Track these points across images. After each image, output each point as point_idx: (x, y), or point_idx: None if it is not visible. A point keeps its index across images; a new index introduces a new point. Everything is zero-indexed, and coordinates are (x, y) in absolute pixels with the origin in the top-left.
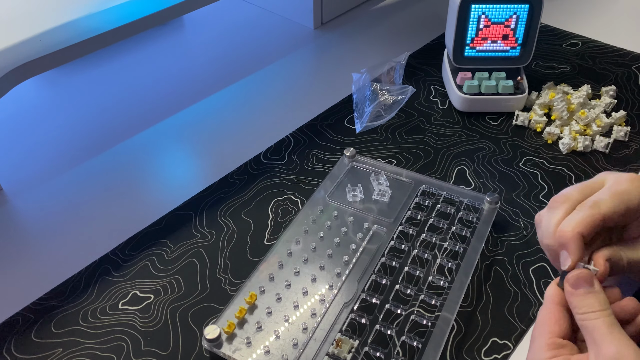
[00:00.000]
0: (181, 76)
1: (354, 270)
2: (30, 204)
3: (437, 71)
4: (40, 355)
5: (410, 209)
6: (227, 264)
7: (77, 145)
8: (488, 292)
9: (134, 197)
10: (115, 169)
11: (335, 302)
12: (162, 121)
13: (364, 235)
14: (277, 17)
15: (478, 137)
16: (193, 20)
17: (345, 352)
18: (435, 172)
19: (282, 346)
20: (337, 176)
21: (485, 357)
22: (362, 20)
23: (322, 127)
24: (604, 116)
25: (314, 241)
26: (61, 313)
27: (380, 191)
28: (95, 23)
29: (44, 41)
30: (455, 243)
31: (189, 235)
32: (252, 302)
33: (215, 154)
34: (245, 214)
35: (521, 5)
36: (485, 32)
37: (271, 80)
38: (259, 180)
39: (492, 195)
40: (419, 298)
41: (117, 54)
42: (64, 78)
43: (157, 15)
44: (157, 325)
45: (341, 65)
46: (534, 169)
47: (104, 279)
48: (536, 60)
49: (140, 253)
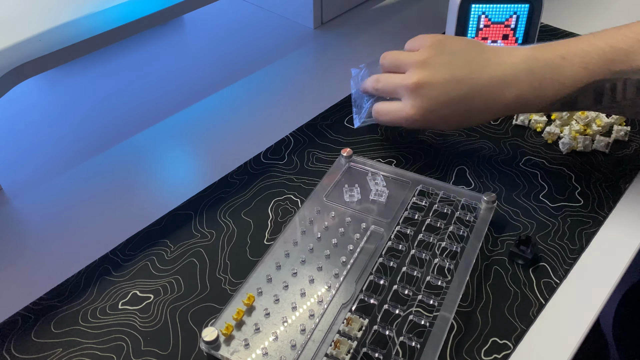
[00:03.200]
0: (181, 76)
1: (351, 271)
2: (30, 203)
3: None
4: (40, 355)
5: (408, 209)
6: (227, 263)
7: (77, 145)
8: (488, 291)
9: (134, 197)
10: (115, 168)
11: (333, 303)
12: (162, 121)
13: (362, 235)
14: (277, 17)
15: (478, 137)
16: (193, 20)
17: (343, 353)
18: (435, 172)
19: (280, 347)
20: (334, 177)
21: (485, 357)
22: (362, 20)
23: (322, 127)
24: (604, 116)
25: (311, 242)
26: (61, 313)
27: (377, 191)
28: (95, 23)
29: (43, 41)
30: (453, 243)
31: (188, 235)
32: (249, 303)
33: (215, 153)
34: (245, 214)
35: (521, 5)
36: (485, 32)
37: (271, 80)
38: (259, 180)
39: (489, 195)
40: (417, 298)
41: (117, 54)
42: (64, 78)
43: (157, 15)
44: (157, 325)
45: (341, 65)
46: (534, 169)
47: (103, 279)
48: None
49: (140, 253)
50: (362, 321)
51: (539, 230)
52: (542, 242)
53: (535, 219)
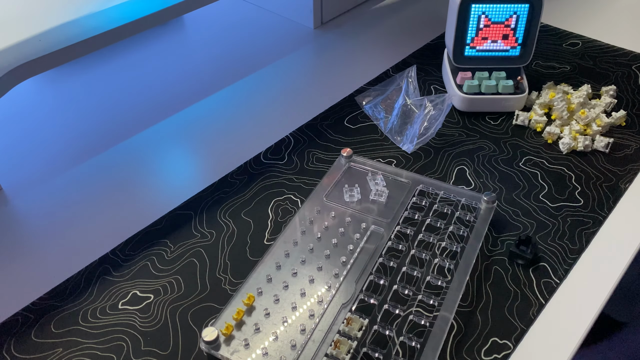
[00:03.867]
0: (181, 76)
1: (351, 271)
2: (30, 203)
3: (437, 71)
4: (40, 355)
5: (408, 209)
6: (227, 263)
7: (77, 144)
8: (488, 292)
9: (134, 197)
10: (115, 168)
11: (334, 303)
12: (163, 121)
13: (362, 235)
14: (277, 16)
15: (478, 136)
16: (193, 20)
17: (343, 353)
18: (436, 172)
19: (280, 347)
20: (334, 177)
21: (485, 357)
22: (362, 20)
23: (322, 126)
24: (604, 116)
25: (311, 242)
26: (61, 313)
27: (377, 191)
28: (96, 22)
29: (44, 41)
30: (453, 243)
31: (188, 235)
32: (249, 303)
33: (215, 153)
34: (245, 214)
35: (521, 5)
36: (485, 32)
37: (271, 79)
38: (259, 180)
39: (489, 195)
40: (417, 298)
41: (117, 54)
42: (65, 78)
43: (157, 15)
44: (157, 325)
45: (341, 65)
46: (534, 169)
47: (103, 279)
48: (536, 60)
49: (140, 253)
50: (362, 321)
51: (539, 230)
52: (542, 242)
53: (535, 219)
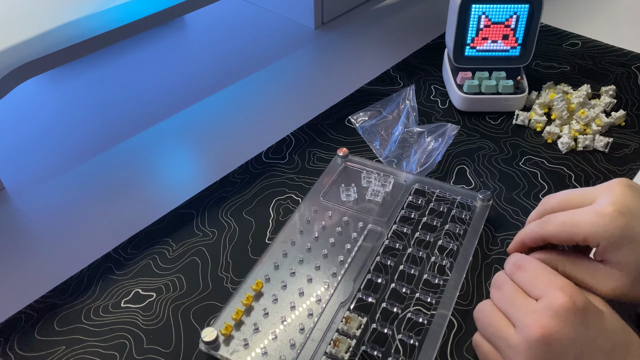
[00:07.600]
0: (182, 76)
1: (349, 270)
2: (32, 202)
3: (438, 71)
4: (43, 353)
5: (404, 208)
6: (228, 262)
7: (79, 144)
8: (488, 290)
9: (136, 196)
10: (117, 168)
11: (332, 302)
12: (164, 120)
13: (359, 234)
14: (278, 17)
15: (478, 136)
16: (194, 20)
17: (342, 351)
18: (436, 172)
19: (279, 347)
20: (331, 176)
21: None
22: (363, 20)
23: (322, 126)
24: (603, 116)
25: (309, 241)
26: (64, 311)
27: (373, 191)
28: (97, 23)
29: (46, 41)
30: (450, 241)
31: (190, 234)
32: (248, 303)
33: (217, 153)
34: (246, 213)
35: (521, 5)
36: (485, 32)
37: (272, 79)
38: (260, 180)
39: (485, 193)
40: (414, 296)
41: (118, 54)
42: (66, 78)
43: (158, 15)
44: (159, 324)
45: (342, 65)
46: (534, 168)
47: (106, 277)
48: (536, 60)
49: (143, 251)
50: (361, 319)
51: None
52: None
53: None
